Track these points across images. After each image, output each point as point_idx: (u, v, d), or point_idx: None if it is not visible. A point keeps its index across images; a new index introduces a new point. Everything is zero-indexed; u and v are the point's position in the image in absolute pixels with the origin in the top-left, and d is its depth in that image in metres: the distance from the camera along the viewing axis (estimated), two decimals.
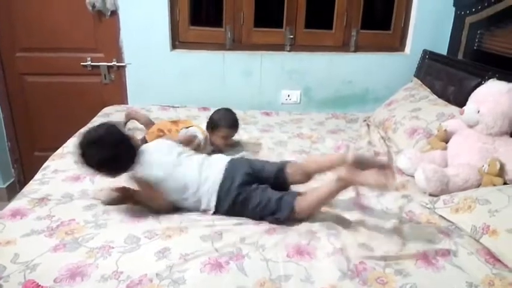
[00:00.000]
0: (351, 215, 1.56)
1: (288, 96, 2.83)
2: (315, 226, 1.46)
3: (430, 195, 1.71)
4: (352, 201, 1.66)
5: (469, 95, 1.92)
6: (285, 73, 2.77)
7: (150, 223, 1.43)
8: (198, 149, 1.93)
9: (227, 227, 1.44)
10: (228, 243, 1.34)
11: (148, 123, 2.23)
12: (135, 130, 2.25)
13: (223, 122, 2.02)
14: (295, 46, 2.79)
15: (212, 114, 2.07)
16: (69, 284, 1.14)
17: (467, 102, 1.89)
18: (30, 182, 1.71)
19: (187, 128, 2.05)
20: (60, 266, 1.20)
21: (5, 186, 2.78)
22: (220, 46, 2.73)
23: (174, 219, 1.47)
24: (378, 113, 2.58)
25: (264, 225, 1.46)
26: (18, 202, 1.53)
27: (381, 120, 2.47)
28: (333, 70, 2.82)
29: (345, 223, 1.50)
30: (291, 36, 2.75)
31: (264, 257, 1.29)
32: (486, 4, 2.37)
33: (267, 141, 2.26)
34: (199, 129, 2.03)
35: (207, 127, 2.05)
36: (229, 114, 2.06)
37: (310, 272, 1.23)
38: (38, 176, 1.76)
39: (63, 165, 1.83)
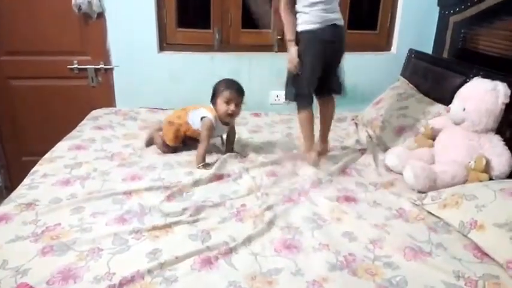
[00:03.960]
0: (335, 208, 1.61)
1: (277, 96, 2.84)
2: (298, 222, 1.51)
3: (419, 192, 1.73)
4: (337, 195, 1.71)
5: (455, 93, 1.95)
6: (273, 74, 2.77)
7: (135, 225, 1.43)
8: (211, 130, 1.95)
9: (212, 225, 1.46)
10: (216, 240, 1.36)
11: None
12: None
13: (223, 86, 1.96)
14: (284, 47, 2.79)
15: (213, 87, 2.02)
16: (62, 286, 1.14)
17: (453, 100, 1.92)
18: (19, 187, 1.69)
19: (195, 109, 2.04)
20: (52, 269, 1.19)
21: None
22: (208, 47, 2.73)
23: (157, 220, 1.47)
24: (366, 112, 2.61)
25: (248, 223, 1.49)
26: (5, 207, 1.51)
27: (369, 119, 2.50)
28: None
29: (326, 216, 1.55)
30: (279, 37, 2.76)
31: (251, 251, 1.32)
32: (469, 4, 2.41)
33: (256, 142, 2.26)
34: (206, 109, 2.01)
35: (211, 102, 2.00)
36: (230, 80, 2.01)
37: (300, 266, 1.26)
38: (26, 180, 1.73)
39: (52, 169, 1.82)
